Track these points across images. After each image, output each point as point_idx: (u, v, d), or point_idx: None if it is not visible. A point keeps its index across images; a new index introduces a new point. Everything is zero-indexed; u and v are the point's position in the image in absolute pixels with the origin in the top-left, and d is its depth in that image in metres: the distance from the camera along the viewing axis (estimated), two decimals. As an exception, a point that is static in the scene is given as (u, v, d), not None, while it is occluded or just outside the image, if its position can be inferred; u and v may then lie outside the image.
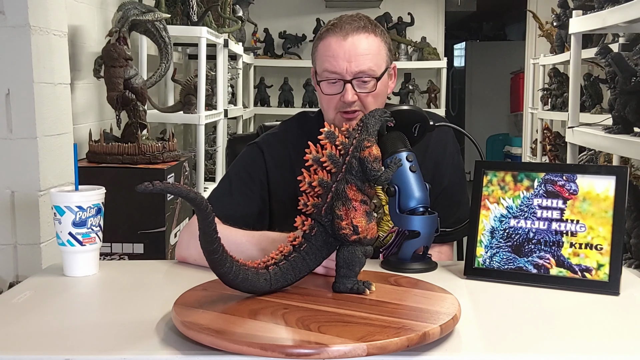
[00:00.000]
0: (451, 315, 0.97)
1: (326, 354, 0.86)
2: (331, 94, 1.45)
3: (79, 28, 2.56)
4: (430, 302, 1.05)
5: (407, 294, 1.11)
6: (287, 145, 1.55)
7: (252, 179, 1.54)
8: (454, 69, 8.80)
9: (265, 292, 1.08)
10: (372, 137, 1.14)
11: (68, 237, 1.27)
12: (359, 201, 1.11)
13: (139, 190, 0.95)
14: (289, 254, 1.11)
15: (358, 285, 1.09)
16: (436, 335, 0.92)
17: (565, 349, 0.94)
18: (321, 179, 1.11)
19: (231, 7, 3.87)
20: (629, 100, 2.19)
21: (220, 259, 1.03)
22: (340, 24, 1.44)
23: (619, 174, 1.23)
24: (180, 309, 1.00)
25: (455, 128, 1.53)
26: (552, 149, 4.59)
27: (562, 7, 4.00)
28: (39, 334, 0.99)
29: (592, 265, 1.20)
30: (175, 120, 3.26)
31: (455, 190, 1.58)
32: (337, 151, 1.12)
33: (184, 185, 1.01)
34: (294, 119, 1.65)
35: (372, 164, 1.10)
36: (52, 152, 1.93)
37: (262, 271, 1.08)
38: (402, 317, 0.98)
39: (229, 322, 0.96)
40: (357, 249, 1.10)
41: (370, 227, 1.11)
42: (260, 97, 5.63)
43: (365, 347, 0.86)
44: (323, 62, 1.45)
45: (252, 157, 1.57)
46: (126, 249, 2.33)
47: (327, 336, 0.89)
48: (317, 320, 0.96)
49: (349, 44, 1.42)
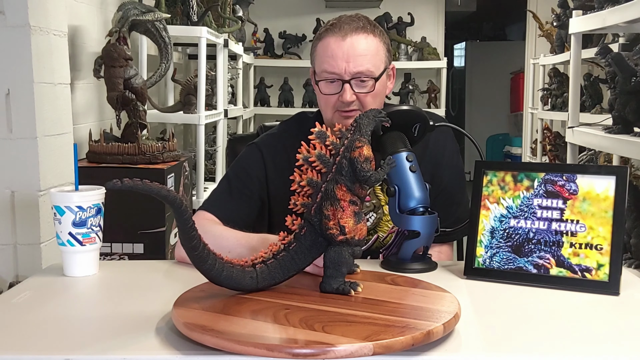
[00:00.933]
0: (452, 314, 0.97)
1: (333, 353, 0.86)
2: (330, 94, 1.46)
3: (79, 28, 2.56)
4: (431, 301, 1.05)
5: (408, 293, 1.11)
6: (285, 145, 1.56)
7: (250, 179, 1.54)
8: (454, 69, 8.80)
9: (252, 290, 1.09)
10: (364, 138, 1.13)
11: (68, 237, 1.27)
12: (348, 201, 1.10)
13: (107, 187, 0.96)
14: (277, 252, 1.11)
15: (344, 285, 1.08)
16: (440, 333, 0.92)
17: (565, 349, 0.94)
18: (310, 178, 1.11)
19: (231, 7, 3.87)
20: (629, 100, 2.19)
21: (201, 256, 1.04)
22: (340, 24, 1.44)
23: (619, 174, 1.23)
24: (180, 309, 1.00)
25: (455, 128, 1.53)
26: (552, 149, 4.59)
27: (562, 7, 4.00)
28: (39, 334, 0.99)
29: (592, 265, 1.20)
30: (175, 120, 3.26)
31: (454, 190, 1.58)
32: (328, 151, 1.12)
33: (155, 183, 0.99)
34: (293, 119, 1.66)
35: (362, 165, 1.09)
36: (52, 152, 1.93)
37: (249, 269, 1.09)
38: (405, 317, 0.98)
39: (231, 322, 0.96)
40: (344, 250, 1.09)
41: (358, 228, 1.10)
42: (260, 97, 5.63)
43: (372, 346, 0.86)
44: (322, 62, 1.45)
45: (251, 157, 1.58)
46: (126, 249, 2.33)
47: (333, 336, 0.89)
48: (320, 320, 0.96)
49: (347, 44, 1.42)
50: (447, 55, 6.13)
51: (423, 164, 1.39)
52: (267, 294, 1.09)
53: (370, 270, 1.25)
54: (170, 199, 0.99)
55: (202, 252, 1.04)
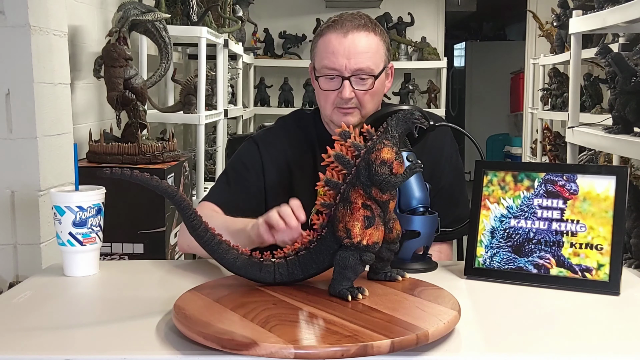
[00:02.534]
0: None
1: (255, 351, 0.87)
2: (329, 90, 1.47)
3: (79, 28, 2.55)
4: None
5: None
6: (282, 140, 1.59)
7: (247, 169, 1.57)
8: (454, 69, 8.79)
9: (269, 283, 1.11)
10: (389, 140, 1.08)
11: (68, 237, 1.27)
12: (360, 205, 1.06)
13: (98, 175, 1.03)
14: (299, 250, 1.11)
15: (344, 290, 1.05)
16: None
17: (565, 349, 0.94)
18: (328, 178, 1.09)
19: (231, 7, 3.87)
20: (629, 100, 2.19)
21: (209, 241, 1.09)
22: (341, 21, 1.45)
23: (619, 174, 1.23)
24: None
25: (455, 128, 1.53)
26: (552, 149, 4.59)
27: (562, 7, 4.00)
28: (39, 334, 0.99)
29: (593, 265, 1.20)
30: (175, 120, 3.26)
31: (453, 190, 1.59)
32: (350, 152, 1.09)
33: (145, 174, 1.02)
34: (291, 115, 1.68)
35: (377, 167, 1.05)
36: (52, 152, 1.93)
37: (267, 263, 1.10)
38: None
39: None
40: (348, 254, 1.06)
41: (367, 233, 1.06)
42: (260, 97, 5.63)
43: (292, 348, 0.86)
44: (322, 59, 1.46)
45: (247, 150, 1.60)
46: (126, 249, 2.33)
47: (270, 335, 0.90)
48: (280, 319, 0.97)
49: (348, 41, 1.43)
50: (447, 55, 6.13)
51: (422, 163, 1.39)
52: (276, 291, 1.10)
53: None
54: (161, 188, 1.02)
55: (210, 238, 1.09)
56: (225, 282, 1.16)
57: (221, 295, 1.08)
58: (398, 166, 1.07)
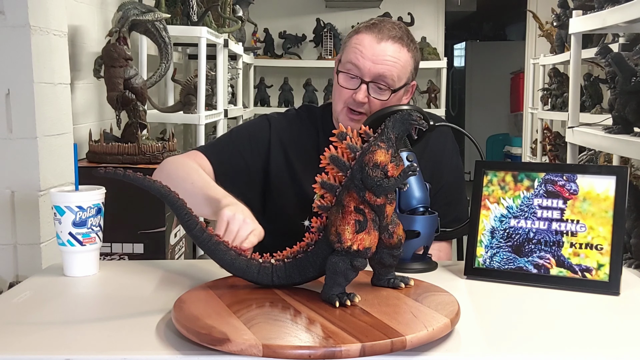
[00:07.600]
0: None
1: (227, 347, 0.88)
2: (345, 87, 1.47)
3: (79, 28, 2.56)
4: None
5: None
6: (292, 127, 1.59)
7: (250, 142, 1.57)
8: (454, 69, 8.80)
9: (267, 285, 1.10)
10: (384, 142, 1.03)
11: (68, 237, 1.27)
12: (352, 208, 1.03)
13: (93, 174, 1.02)
14: (297, 253, 1.10)
15: (333, 296, 1.02)
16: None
17: (565, 349, 0.94)
18: (323, 181, 1.07)
19: (231, 7, 3.87)
20: (629, 100, 2.19)
21: (206, 241, 1.09)
22: (380, 26, 1.46)
23: (619, 174, 1.23)
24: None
25: (455, 128, 1.53)
26: (552, 149, 4.59)
27: (562, 7, 4.00)
28: (39, 334, 0.99)
29: (593, 265, 1.20)
30: (175, 120, 3.26)
31: (453, 190, 1.59)
32: (346, 154, 1.06)
33: (138, 173, 1.03)
34: (302, 107, 1.70)
35: (369, 170, 1.01)
36: (52, 152, 1.93)
37: (265, 264, 1.10)
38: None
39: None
40: (339, 259, 1.02)
41: (358, 238, 1.02)
42: (260, 97, 5.63)
43: (261, 346, 0.87)
44: (349, 53, 1.47)
45: (259, 125, 1.61)
46: (126, 249, 2.33)
47: (246, 332, 0.91)
48: (266, 317, 0.98)
49: (380, 48, 1.44)
50: (447, 55, 6.13)
51: (423, 163, 1.39)
52: (280, 290, 1.10)
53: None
54: (154, 188, 1.04)
55: (206, 236, 1.09)
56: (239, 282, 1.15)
57: (225, 291, 1.09)
58: (393, 169, 1.03)
